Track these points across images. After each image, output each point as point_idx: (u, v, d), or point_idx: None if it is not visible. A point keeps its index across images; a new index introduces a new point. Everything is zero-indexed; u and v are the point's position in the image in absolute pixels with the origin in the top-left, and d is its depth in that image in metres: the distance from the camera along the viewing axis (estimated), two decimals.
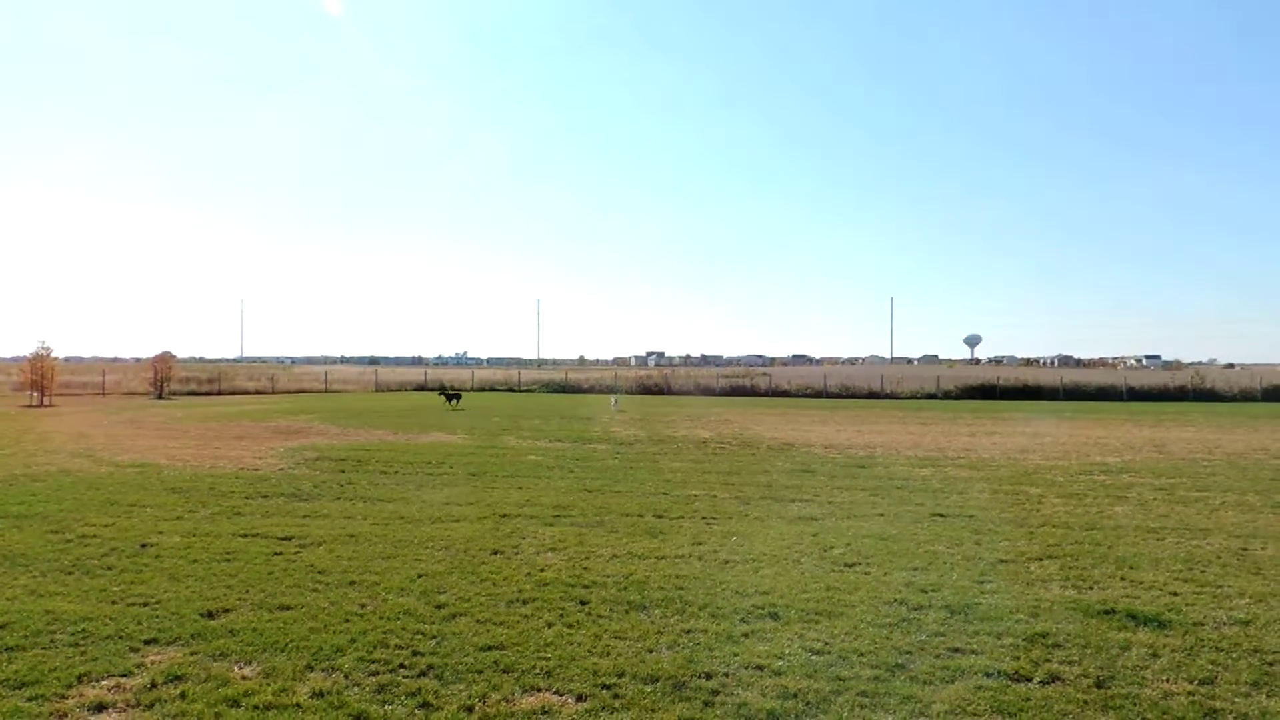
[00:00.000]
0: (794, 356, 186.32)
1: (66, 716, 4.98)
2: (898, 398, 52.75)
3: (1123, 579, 8.13)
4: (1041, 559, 8.96)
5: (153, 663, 5.79)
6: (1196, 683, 5.55)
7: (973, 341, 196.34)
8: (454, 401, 35.42)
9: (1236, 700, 5.28)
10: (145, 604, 7.10)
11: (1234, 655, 6.06)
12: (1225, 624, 6.78)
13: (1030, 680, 5.59)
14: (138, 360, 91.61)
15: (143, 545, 9.31)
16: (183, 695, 5.24)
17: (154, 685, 5.39)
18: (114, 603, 7.13)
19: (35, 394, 41.05)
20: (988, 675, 5.66)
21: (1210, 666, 5.84)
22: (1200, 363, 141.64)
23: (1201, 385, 53.41)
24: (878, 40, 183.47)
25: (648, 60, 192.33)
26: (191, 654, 5.96)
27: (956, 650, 6.13)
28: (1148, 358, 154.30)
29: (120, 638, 6.27)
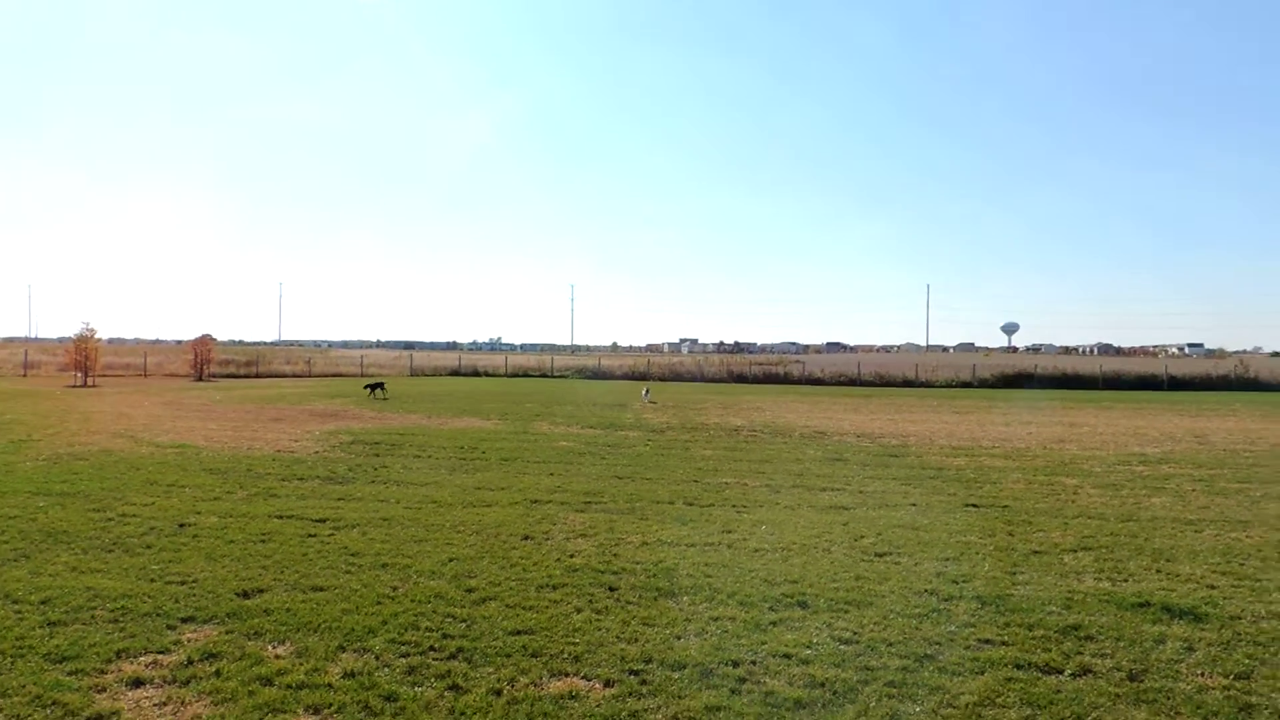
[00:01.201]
0: (828, 344, 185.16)
1: (105, 691, 5.10)
2: (933, 386, 52.16)
3: (1159, 571, 8.00)
4: (1076, 550, 8.84)
5: (189, 640, 5.91)
6: (1232, 677, 5.46)
7: (1010, 329, 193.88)
8: (377, 391, 35.17)
9: (1273, 695, 5.18)
10: (183, 583, 7.25)
11: (1272, 649, 5.94)
12: (1264, 618, 6.64)
13: (1062, 673, 5.53)
14: (179, 343, 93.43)
15: (181, 525, 9.49)
16: (218, 673, 5.35)
17: (190, 662, 5.50)
18: (152, 581, 7.29)
19: (79, 375, 41.96)
20: (1018, 667, 5.60)
21: (1247, 660, 5.73)
22: (1244, 351, 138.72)
23: (1245, 374, 52.14)
24: (931, 26, 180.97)
25: (692, 51, 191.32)
26: (227, 632, 6.07)
27: (987, 641, 6.07)
28: (1190, 346, 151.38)
29: (158, 615, 6.40)
